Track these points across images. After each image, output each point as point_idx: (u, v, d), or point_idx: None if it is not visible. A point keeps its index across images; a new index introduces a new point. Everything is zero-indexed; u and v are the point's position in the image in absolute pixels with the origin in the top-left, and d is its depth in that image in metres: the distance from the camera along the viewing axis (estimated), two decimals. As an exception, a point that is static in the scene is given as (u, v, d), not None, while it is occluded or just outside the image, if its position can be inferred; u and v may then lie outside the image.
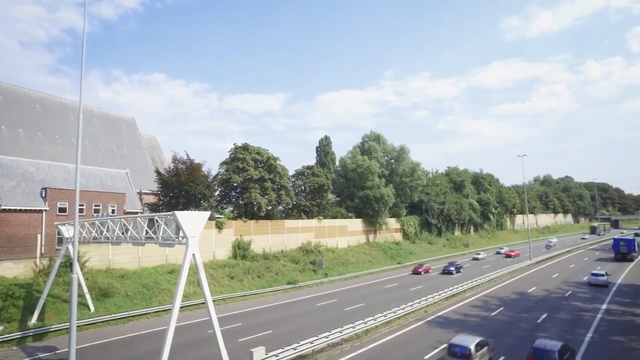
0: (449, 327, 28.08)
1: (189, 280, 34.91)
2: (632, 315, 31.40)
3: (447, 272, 52.93)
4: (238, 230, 47.54)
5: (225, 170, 50.43)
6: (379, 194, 65.59)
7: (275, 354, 20.44)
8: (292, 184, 61.21)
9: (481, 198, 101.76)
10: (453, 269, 53.28)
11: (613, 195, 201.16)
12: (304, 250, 53.51)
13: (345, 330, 24.83)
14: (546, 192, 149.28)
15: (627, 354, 22.81)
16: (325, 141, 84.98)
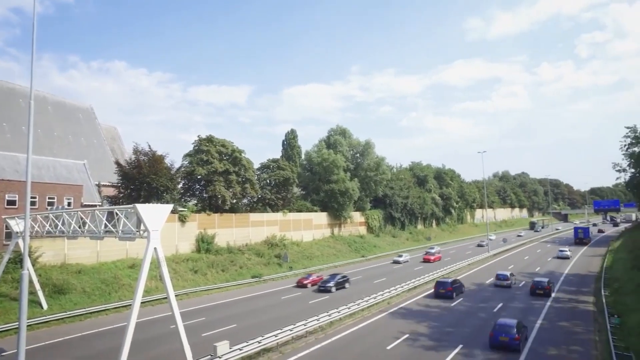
0: (410, 318, 28.90)
1: (150, 274, 34.14)
2: (576, 302, 33.55)
3: (323, 289, 38.06)
4: (202, 224, 46.71)
5: (189, 163, 49.34)
6: (344, 188, 66.20)
7: (240, 347, 20.35)
8: (258, 177, 60.68)
9: (443, 193, 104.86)
10: (332, 284, 38.32)
11: (563, 191, 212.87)
12: (268, 244, 53.33)
13: (310, 323, 25.04)
14: (504, 188, 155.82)
15: (570, 337, 24.47)
16: (291, 134, 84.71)
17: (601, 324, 26.51)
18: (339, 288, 38.87)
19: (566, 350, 22.19)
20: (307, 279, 41.59)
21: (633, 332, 22.94)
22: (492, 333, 22.56)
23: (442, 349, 22.32)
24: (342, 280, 39.95)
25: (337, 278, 39.69)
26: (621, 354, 19.77)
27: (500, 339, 22.07)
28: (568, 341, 23.74)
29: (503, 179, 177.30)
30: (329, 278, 39.87)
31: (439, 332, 25.39)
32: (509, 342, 21.82)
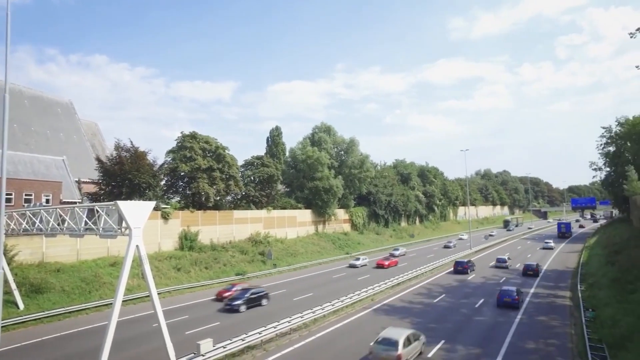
0: (394, 314, 29.20)
1: (132, 272, 33.60)
2: (554, 297, 34.44)
3: (230, 308, 29.72)
4: (185, 221, 46.23)
5: (172, 159, 48.72)
6: (328, 185, 66.34)
7: (223, 345, 20.28)
8: (242, 174, 60.33)
9: (426, 190, 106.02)
10: (241, 302, 30.08)
11: (543, 189, 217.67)
12: (252, 241, 53.13)
13: (294, 320, 25.08)
14: (486, 186, 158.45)
15: (548, 331, 25.12)
16: (275, 131, 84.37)
17: (577, 317, 27.25)
18: (253, 306, 30.72)
19: (544, 344, 22.76)
20: (229, 291, 33.70)
21: (605, 324, 23.67)
22: (499, 296, 30.94)
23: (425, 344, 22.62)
24: (256, 297, 31.58)
25: (249, 293, 31.22)
26: (594, 346, 20.45)
27: (504, 299, 30.11)
28: (545, 335, 24.36)
29: (485, 177, 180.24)
30: (240, 294, 31.43)
31: (422, 328, 25.69)
32: (511, 301, 29.94)
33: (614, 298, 28.34)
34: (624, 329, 21.57)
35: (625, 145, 79.18)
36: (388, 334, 19.83)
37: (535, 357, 20.88)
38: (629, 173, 69.53)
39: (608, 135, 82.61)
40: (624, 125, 78.35)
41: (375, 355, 18.87)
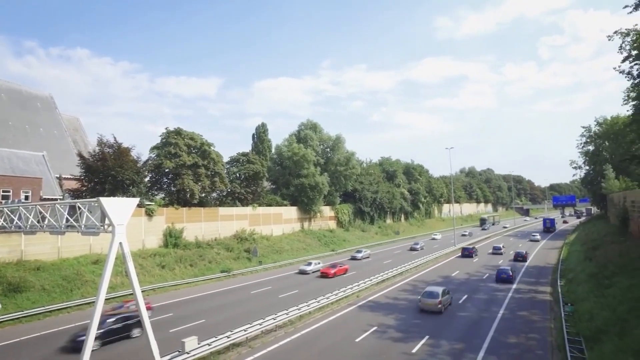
0: (379, 310, 29.45)
1: (116, 270, 33.11)
2: (535, 292, 35.16)
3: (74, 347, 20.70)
4: (170, 218, 45.73)
5: (157, 156, 48.06)
6: (314, 182, 66.35)
7: (208, 343, 20.18)
8: (227, 171, 59.90)
9: (412, 188, 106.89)
10: None
11: (526, 186, 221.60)
12: (238, 238, 52.88)
13: (279, 317, 25.09)
14: (470, 183, 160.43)
15: (528, 325, 25.70)
16: (261, 128, 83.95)
17: (556, 312, 27.88)
18: (110, 341, 21.98)
19: (525, 338, 23.25)
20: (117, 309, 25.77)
21: (583, 318, 24.29)
22: (497, 274, 40.15)
23: (410, 340, 22.89)
24: (121, 326, 22.77)
25: (110, 322, 22.40)
26: (572, 339, 21.01)
27: (501, 276, 39.36)
28: (527, 329, 24.88)
29: (469, 174, 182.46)
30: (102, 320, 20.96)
31: (407, 324, 26.01)
32: (507, 277, 39.07)
33: (591, 293, 29.05)
34: (600, 323, 22.17)
35: (604, 145, 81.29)
36: (430, 289, 30.15)
37: (516, 351, 21.31)
38: (607, 172, 71.39)
39: (587, 135, 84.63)
40: (602, 125, 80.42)
41: (423, 303, 28.66)
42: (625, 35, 30.57)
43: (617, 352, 17.57)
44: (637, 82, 31.66)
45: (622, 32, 30.69)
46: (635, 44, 29.66)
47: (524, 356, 20.59)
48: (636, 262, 31.04)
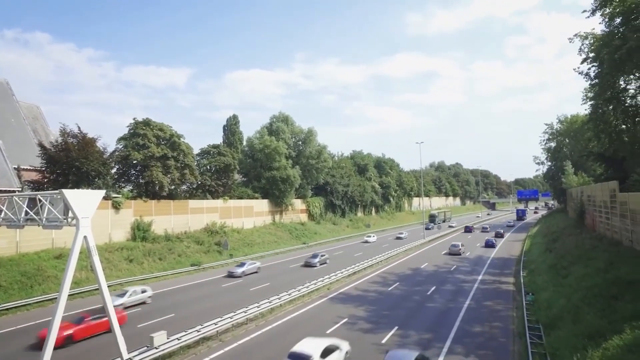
0: (349, 302, 29.84)
1: (80, 265, 32.10)
2: (499, 283, 36.52)
3: None
4: (138, 211, 44.56)
5: (124, 147, 46.59)
6: (285, 175, 66.15)
7: (178, 337, 19.91)
8: (197, 163, 58.88)
9: (383, 181, 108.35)
10: None
11: (492, 181, 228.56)
12: (208, 231, 52.22)
13: (250, 310, 25.04)
14: (440, 177, 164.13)
15: (493, 315, 26.68)
16: (232, 120, 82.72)
17: (518, 301, 29.07)
18: None
19: (489, 327, 24.17)
20: None
21: (542, 307, 25.49)
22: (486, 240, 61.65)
23: (380, 331, 23.34)
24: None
25: None
26: (532, 327, 22.04)
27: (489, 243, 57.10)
28: (491, 318, 25.86)
29: (439, 169, 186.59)
30: None
31: (377, 316, 26.49)
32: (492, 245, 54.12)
33: (550, 282, 30.47)
34: (557, 310, 23.33)
35: (564, 142, 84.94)
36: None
37: (481, 339, 22.13)
38: (567, 167, 74.65)
39: (550, 132, 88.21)
40: (563, 123, 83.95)
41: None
42: (584, 38, 31.93)
43: (570, 336, 18.54)
44: (594, 83, 33.12)
45: (582, 35, 32.05)
46: (593, 46, 31.01)
47: (488, 344, 21.40)
48: (590, 252, 32.76)
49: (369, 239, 68.78)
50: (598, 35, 30.99)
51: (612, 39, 27.75)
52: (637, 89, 31.30)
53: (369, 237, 69.72)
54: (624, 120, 31.66)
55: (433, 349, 20.60)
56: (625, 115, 31.02)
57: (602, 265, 26.80)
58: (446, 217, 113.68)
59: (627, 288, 20.31)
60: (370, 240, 68.23)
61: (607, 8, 28.20)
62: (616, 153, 36.45)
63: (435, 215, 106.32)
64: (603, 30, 30.76)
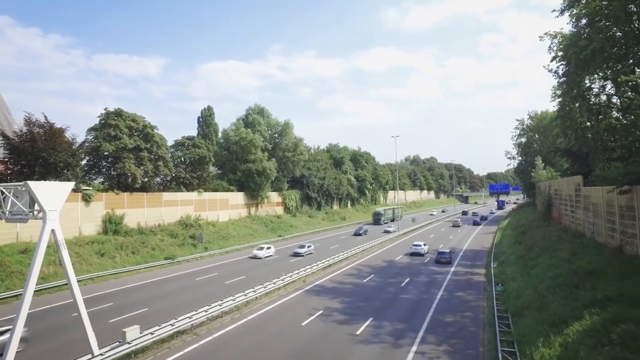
0: (325, 294, 30.10)
1: (48, 259, 31.23)
2: (471, 274, 37.57)
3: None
4: (109, 204, 43.44)
5: (95, 138, 45.18)
6: (261, 168, 65.71)
7: (152, 331, 19.65)
8: (172, 155, 57.91)
9: (358, 174, 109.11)
10: None
11: (466, 175, 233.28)
12: (183, 224, 51.46)
13: (226, 303, 24.93)
14: (414, 171, 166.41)
15: (464, 305, 27.48)
16: (207, 111, 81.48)
17: (489, 292, 30.04)
18: None
19: (460, 317, 24.89)
20: None
21: (511, 296, 26.44)
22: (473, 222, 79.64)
23: (354, 322, 23.67)
24: None
25: None
26: (501, 316, 22.87)
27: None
28: (462, 308, 26.63)
29: (414, 162, 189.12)
30: None
31: (352, 307, 26.84)
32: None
33: (519, 273, 31.59)
34: (525, 300, 24.26)
35: (534, 137, 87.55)
36: None
37: (452, 329, 22.78)
38: (537, 162, 77.06)
39: (521, 128, 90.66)
40: (533, 119, 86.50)
41: None
42: (553, 37, 33.01)
43: (536, 324, 19.36)
44: (562, 81, 34.30)
45: (551, 34, 33.11)
46: (561, 45, 32.08)
47: (459, 333, 22.05)
48: (556, 244, 34.14)
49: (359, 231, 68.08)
50: (566, 35, 32.08)
51: (578, 39, 28.75)
52: (600, 88, 32.61)
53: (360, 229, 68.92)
54: (589, 117, 32.90)
55: (406, 338, 21.08)
56: (589, 112, 32.24)
57: (566, 256, 28.00)
58: (396, 215, 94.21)
59: (588, 277, 21.33)
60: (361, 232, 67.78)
61: (574, 9, 29.15)
62: (581, 149, 37.90)
63: (381, 212, 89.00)
64: (571, 30, 31.86)
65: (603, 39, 26.26)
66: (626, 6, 24.78)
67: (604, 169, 24.62)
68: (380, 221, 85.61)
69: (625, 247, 22.97)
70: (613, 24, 26.83)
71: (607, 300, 16.94)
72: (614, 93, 31.08)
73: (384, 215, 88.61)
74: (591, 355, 13.76)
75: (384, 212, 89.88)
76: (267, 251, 46.94)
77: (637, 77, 22.41)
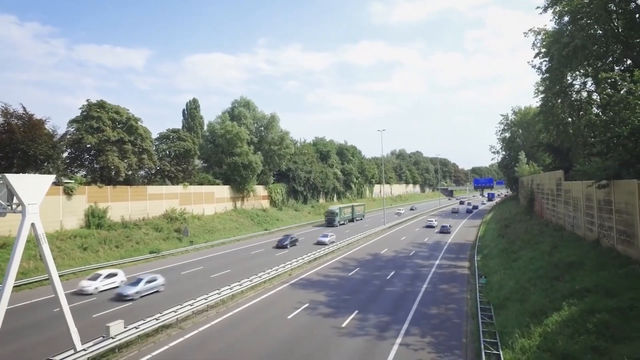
0: (310, 287, 30.24)
1: (28, 254, 30.72)
2: (455, 267, 38.12)
3: None
4: (92, 197, 42.74)
5: (76, 130, 44.32)
6: (247, 161, 65.38)
7: (136, 326, 19.49)
8: (156, 148, 57.21)
9: (344, 168, 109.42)
10: None
11: (451, 169, 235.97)
12: (168, 218, 50.98)
13: (211, 297, 24.86)
14: (400, 165, 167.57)
15: (448, 297, 27.91)
16: (193, 104, 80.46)
17: (472, 284, 30.55)
18: None
19: (444, 309, 25.29)
20: None
21: (494, 288, 26.97)
22: None
23: (340, 315, 23.85)
24: None
25: None
26: (484, 307, 23.30)
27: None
28: (446, 301, 27.06)
29: (400, 156, 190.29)
30: None
31: (337, 300, 27.03)
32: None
33: (501, 266, 32.19)
34: (507, 292, 24.77)
35: (518, 132, 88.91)
36: None
37: (436, 320, 23.13)
38: (520, 157, 78.34)
39: (505, 123, 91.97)
40: (517, 114, 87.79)
41: None
42: (537, 34, 33.53)
43: (517, 315, 19.82)
44: (545, 77, 34.89)
45: (535, 30, 33.62)
46: (545, 42, 32.59)
47: (443, 325, 22.41)
48: (537, 237, 34.88)
49: None
50: (550, 32, 32.58)
51: (561, 36, 29.27)
52: (581, 84, 33.29)
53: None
54: (570, 113, 33.60)
55: (391, 331, 21.33)
56: (571, 108, 32.92)
57: (547, 249, 28.66)
58: (356, 214, 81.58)
59: (567, 269, 21.89)
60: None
61: (557, 6, 29.60)
62: (563, 144, 38.68)
63: (336, 212, 72.11)
64: (554, 27, 32.36)
65: (585, 37, 26.79)
66: (606, 5, 25.27)
67: (583, 164, 25.22)
68: (334, 222, 70.91)
69: (602, 240, 23.60)
70: (594, 22, 27.38)
71: (584, 291, 17.43)
72: (594, 90, 31.75)
73: (340, 215, 73.18)
74: (568, 344, 14.18)
75: (339, 211, 73.50)
76: None
77: (616, 74, 22.90)
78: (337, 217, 72.10)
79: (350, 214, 79.29)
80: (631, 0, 26.30)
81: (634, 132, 17.64)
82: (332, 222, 71.17)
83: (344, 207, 78.09)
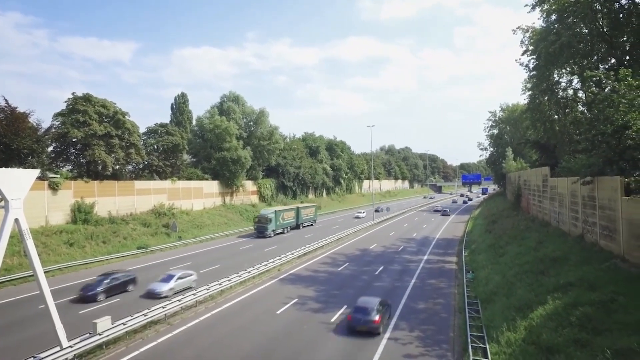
0: (299, 283, 30.31)
1: (12, 250, 30.26)
2: (443, 262, 38.51)
3: None
4: (78, 192, 42.14)
5: (62, 124, 43.59)
6: (236, 156, 65.04)
7: (124, 322, 19.36)
8: (144, 142, 56.54)
9: (334, 164, 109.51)
10: None
11: (439, 165, 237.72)
12: (156, 213, 50.56)
13: (200, 292, 24.79)
14: (389, 161, 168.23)
15: (436, 292, 28.23)
16: (181, 98, 79.60)
17: (460, 279, 30.89)
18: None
19: (432, 303, 25.57)
20: None
21: (481, 283, 27.34)
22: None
23: (329, 310, 23.95)
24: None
25: None
26: (471, 302, 23.62)
27: None
28: (434, 295, 27.36)
29: (389, 152, 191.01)
30: None
31: (326, 295, 27.14)
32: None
33: (488, 261, 32.60)
34: (493, 286, 25.13)
35: (506, 129, 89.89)
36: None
37: (424, 315, 23.39)
38: (507, 153, 79.25)
39: (493, 120, 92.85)
40: (505, 111, 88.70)
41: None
42: (525, 32, 33.93)
43: (504, 309, 20.14)
44: (532, 74, 35.33)
45: (523, 28, 34.02)
46: (532, 40, 32.99)
47: (431, 319, 22.68)
48: (523, 233, 35.40)
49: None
50: (537, 30, 32.98)
51: (548, 34, 29.64)
52: (567, 82, 33.80)
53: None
54: (556, 110, 34.10)
55: (379, 325, 21.48)
56: (557, 106, 33.40)
57: (533, 245, 29.11)
58: (302, 219, 63.03)
59: (552, 264, 22.31)
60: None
61: (545, 4, 29.94)
62: (549, 141, 39.22)
63: (269, 218, 53.30)
64: (542, 25, 32.73)
65: (571, 35, 27.16)
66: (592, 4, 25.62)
67: (569, 161, 25.59)
68: (266, 231, 52.55)
69: (586, 235, 24.05)
70: (580, 20, 27.74)
71: (568, 286, 17.78)
72: (580, 88, 32.25)
73: (276, 221, 54.52)
74: (552, 337, 14.48)
75: (274, 216, 54.36)
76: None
77: (601, 73, 23.28)
78: (271, 224, 53.44)
79: (294, 218, 60.34)
80: (615, 0, 26.73)
81: (618, 130, 17.97)
82: (264, 231, 52.58)
83: (284, 210, 58.52)
